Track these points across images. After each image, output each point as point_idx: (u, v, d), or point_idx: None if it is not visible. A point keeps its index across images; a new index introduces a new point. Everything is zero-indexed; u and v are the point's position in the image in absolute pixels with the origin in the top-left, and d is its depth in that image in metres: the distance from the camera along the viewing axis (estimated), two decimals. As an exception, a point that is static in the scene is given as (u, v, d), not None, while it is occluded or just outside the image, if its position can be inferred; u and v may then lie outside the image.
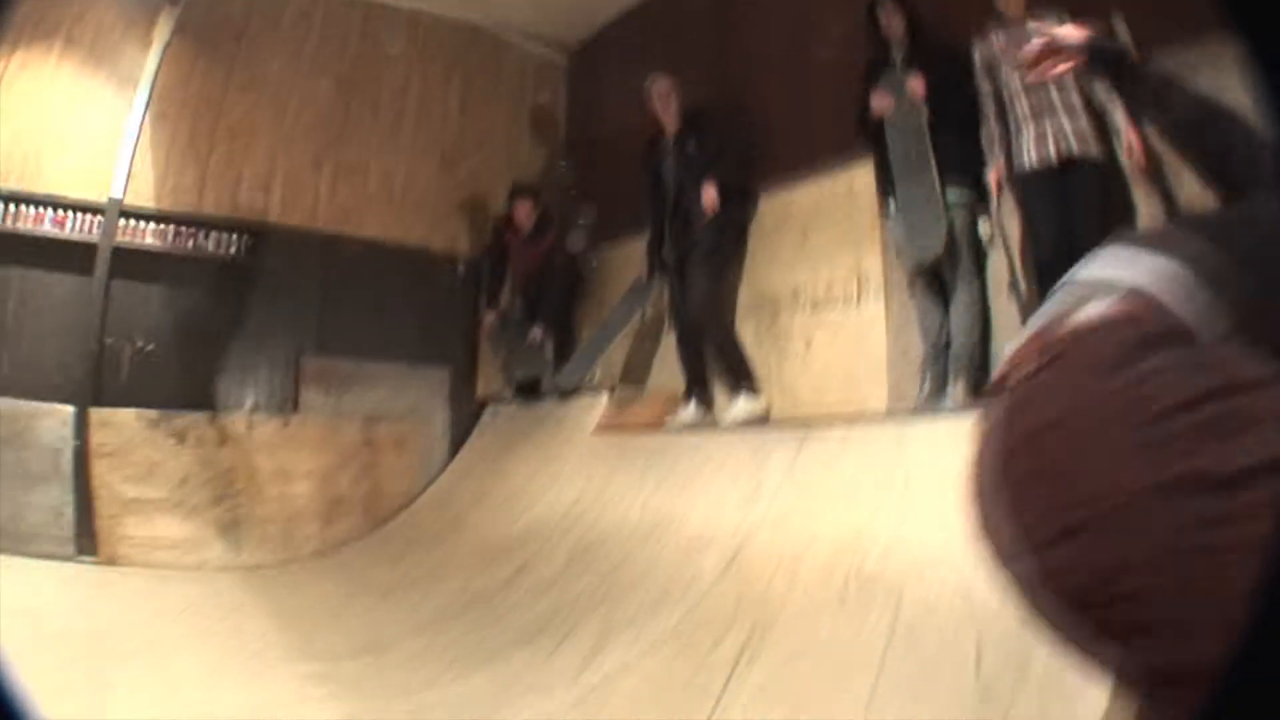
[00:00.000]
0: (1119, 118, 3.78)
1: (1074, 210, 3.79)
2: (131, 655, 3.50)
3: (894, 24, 4.37)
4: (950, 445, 3.39)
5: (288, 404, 6.11)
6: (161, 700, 3.11)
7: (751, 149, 5.16)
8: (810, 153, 4.92)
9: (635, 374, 5.84)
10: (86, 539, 5.07)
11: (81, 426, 5.28)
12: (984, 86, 4.07)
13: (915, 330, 4.38)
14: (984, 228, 4.24)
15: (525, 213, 6.37)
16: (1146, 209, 3.79)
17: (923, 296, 4.33)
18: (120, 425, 5.42)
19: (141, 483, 5.35)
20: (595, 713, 3.16)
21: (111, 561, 5.04)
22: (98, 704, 2.95)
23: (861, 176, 4.66)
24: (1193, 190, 3.66)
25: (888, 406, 4.40)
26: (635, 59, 5.92)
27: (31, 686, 1.24)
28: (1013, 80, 3.96)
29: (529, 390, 6.31)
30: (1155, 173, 3.80)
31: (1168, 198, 3.77)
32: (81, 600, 4.26)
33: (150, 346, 5.61)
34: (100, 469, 5.26)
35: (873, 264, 4.69)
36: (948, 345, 4.20)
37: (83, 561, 4.98)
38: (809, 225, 5.01)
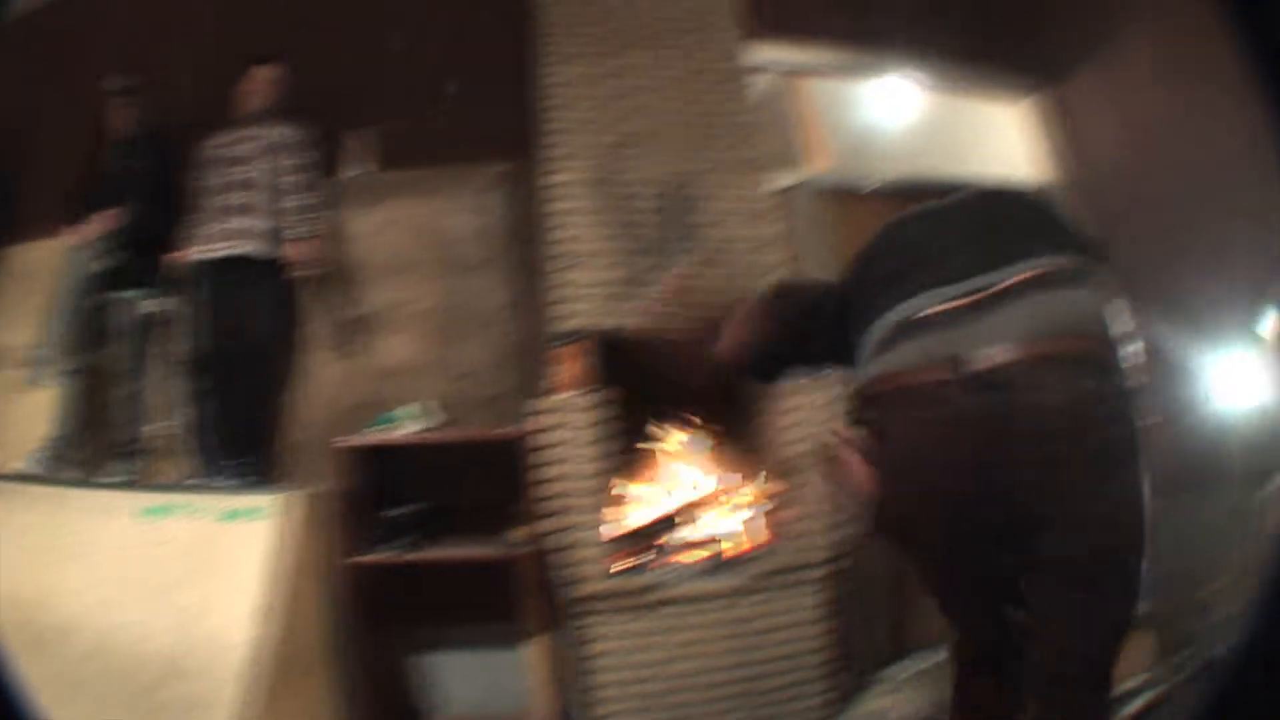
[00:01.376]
0: (295, 224, 4.12)
1: (236, 303, 4.08)
2: None
3: (120, 119, 4.39)
4: (106, 515, 3.86)
5: None
6: None
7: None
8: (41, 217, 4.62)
9: None
10: None
11: None
12: (186, 182, 4.20)
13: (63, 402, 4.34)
14: (155, 312, 4.34)
15: None
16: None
17: (75, 379, 4.34)
18: None
19: None
20: None
21: None
22: None
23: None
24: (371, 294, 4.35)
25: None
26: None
27: None
28: (205, 176, 4.17)
29: None
30: (329, 276, 4.31)
31: (344, 297, 4.37)
32: None
33: None
34: None
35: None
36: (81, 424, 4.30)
37: None
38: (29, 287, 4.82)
